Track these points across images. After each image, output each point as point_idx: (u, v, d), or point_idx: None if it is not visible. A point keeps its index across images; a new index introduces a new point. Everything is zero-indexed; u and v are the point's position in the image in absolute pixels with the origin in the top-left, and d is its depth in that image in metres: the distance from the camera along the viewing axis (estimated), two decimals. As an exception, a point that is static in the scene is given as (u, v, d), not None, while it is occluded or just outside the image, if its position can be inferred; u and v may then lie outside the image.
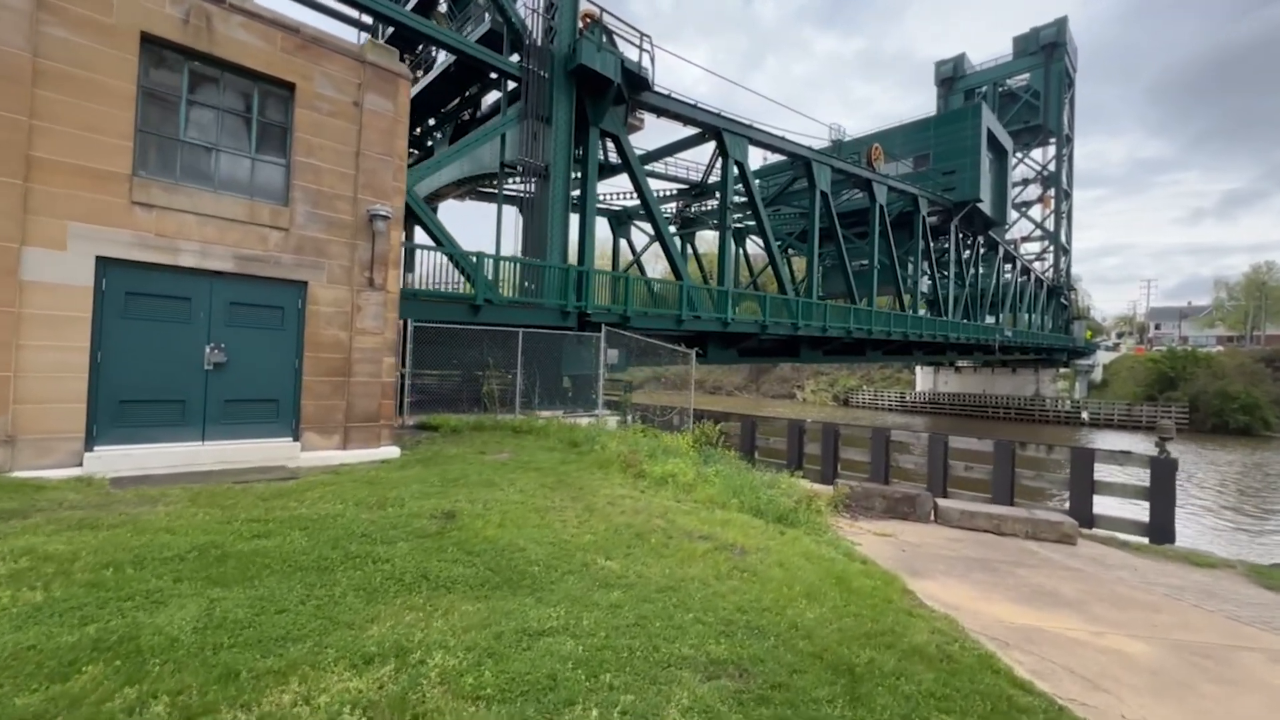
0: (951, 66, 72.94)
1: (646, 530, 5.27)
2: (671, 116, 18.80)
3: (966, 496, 11.49)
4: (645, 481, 7.42)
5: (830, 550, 5.79)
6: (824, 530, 6.74)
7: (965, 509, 8.43)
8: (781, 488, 8.13)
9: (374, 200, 7.66)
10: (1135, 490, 9.66)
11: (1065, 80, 66.70)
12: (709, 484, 7.49)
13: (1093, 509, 9.80)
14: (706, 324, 17.83)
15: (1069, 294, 66.67)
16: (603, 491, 6.55)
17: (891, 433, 12.66)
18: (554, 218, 14.90)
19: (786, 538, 5.98)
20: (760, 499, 6.97)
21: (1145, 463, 9.51)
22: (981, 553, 6.91)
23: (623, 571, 4.22)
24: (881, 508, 8.73)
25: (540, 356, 13.65)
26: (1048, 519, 8.08)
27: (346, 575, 3.59)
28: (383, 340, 7.83)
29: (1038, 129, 67.08)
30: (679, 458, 8.78)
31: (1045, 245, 68.52)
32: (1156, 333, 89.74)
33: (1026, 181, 70.67)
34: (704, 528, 5.69)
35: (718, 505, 6.83)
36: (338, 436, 7.45)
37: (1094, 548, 7.91)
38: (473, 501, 5.51)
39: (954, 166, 38.46)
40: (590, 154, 16.02)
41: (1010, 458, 10.75)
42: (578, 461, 8.24)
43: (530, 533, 4.79)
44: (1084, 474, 9.90)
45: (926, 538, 7.49)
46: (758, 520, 6.48)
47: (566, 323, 13.84)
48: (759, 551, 5.23)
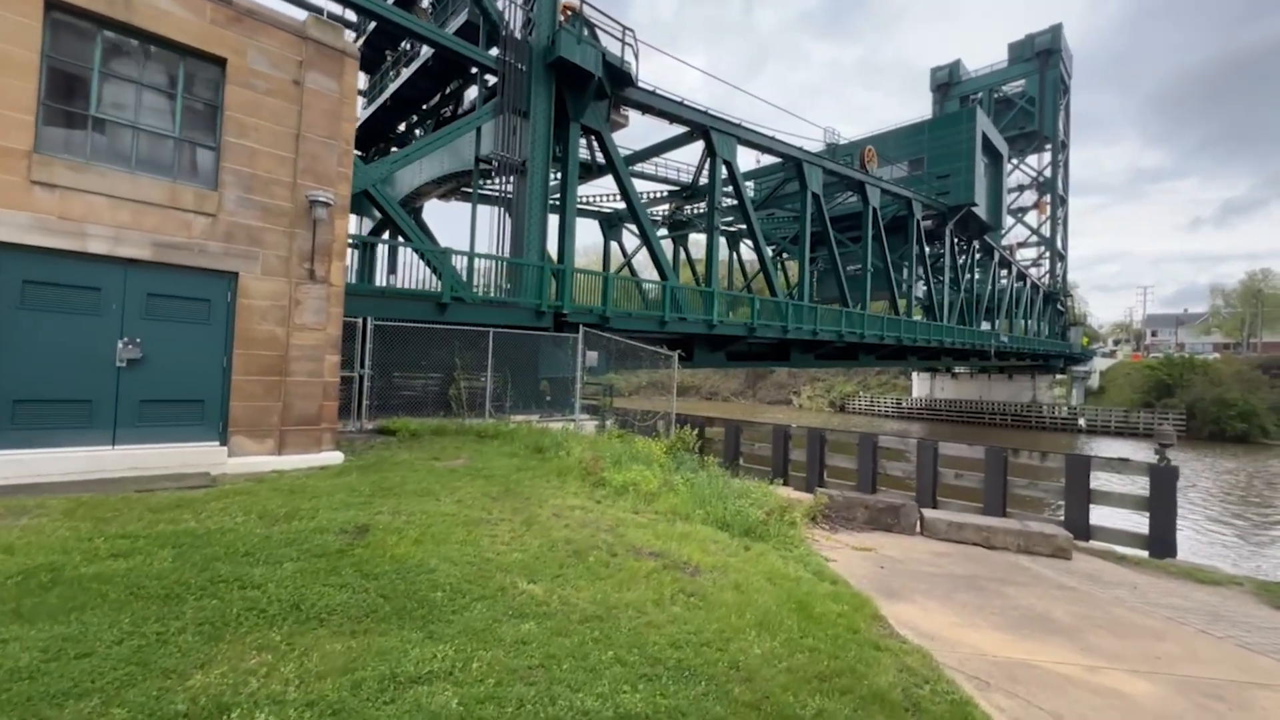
0: (947, 72, 72.99)
1: (588, 546, 4.70)
2: (657, 114, 18.33)
3: (957, 506, 10.93)
4: (604, 490, 6.85)
5: (798, 569, 5.22)
6: (796, 545, 6.17)
7: (953, 520, 7.86)
8: (754, 497, 7.56)
9: (315, 186, 7.11)
10: (1134, 500, 9.11)
11: (1060, 87, 66.74)
12: (675, 493, 6.93)
13: (1089, 520, 9.24)
14: (692, 326, 17.29)
15: (1065, 300, 66.37)
16: (552, 502, 5.98)
17: (879, 439, 12.10)
18: (532, 215, 14.38)
19: (751, 554, 5.42)
20: (728, 510, 6.40)
21: (1144, 471, 8.97)
22: (968, 569, 6.34)
23: (545, 597, 3.64)
24: (864, 519, 8.16)
25: (515, 358, 13.09)
26: (1041, 531, 7.52)
27: (197, 605, 3.02)
28: (325, 337, 7.26)
29: (1033, 135, 66.99)
30: (648, 465, 8.22)
31: (1041, 251, 68.32)
32: (1153, 340, 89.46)
33: (1022, 187, 70.57)
34: (657, 543, 5.12)
35: (680, 517, 6.26)
36: (272, 440, 6.86)
37: (1090, 562, 7.35)
38: (396, 513, 4.94)
39: (949, 170, 38.13)
40: (570, 150, 15.53)
41: (1002, 465, 10.20)
42: (537, 468, 7.67)
43: (449, 550, 4.21)
44: (1080, 483, 9.35)
45: (910, 552, 6.92)
46: (722, 534, 5.91)
47: (541, 323, 13.29)
48: (714, 571, 4.66)
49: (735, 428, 14.69)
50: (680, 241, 38.04)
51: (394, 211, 12.04)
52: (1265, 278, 74.85)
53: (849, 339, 24.13)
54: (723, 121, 19.91)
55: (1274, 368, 48.47)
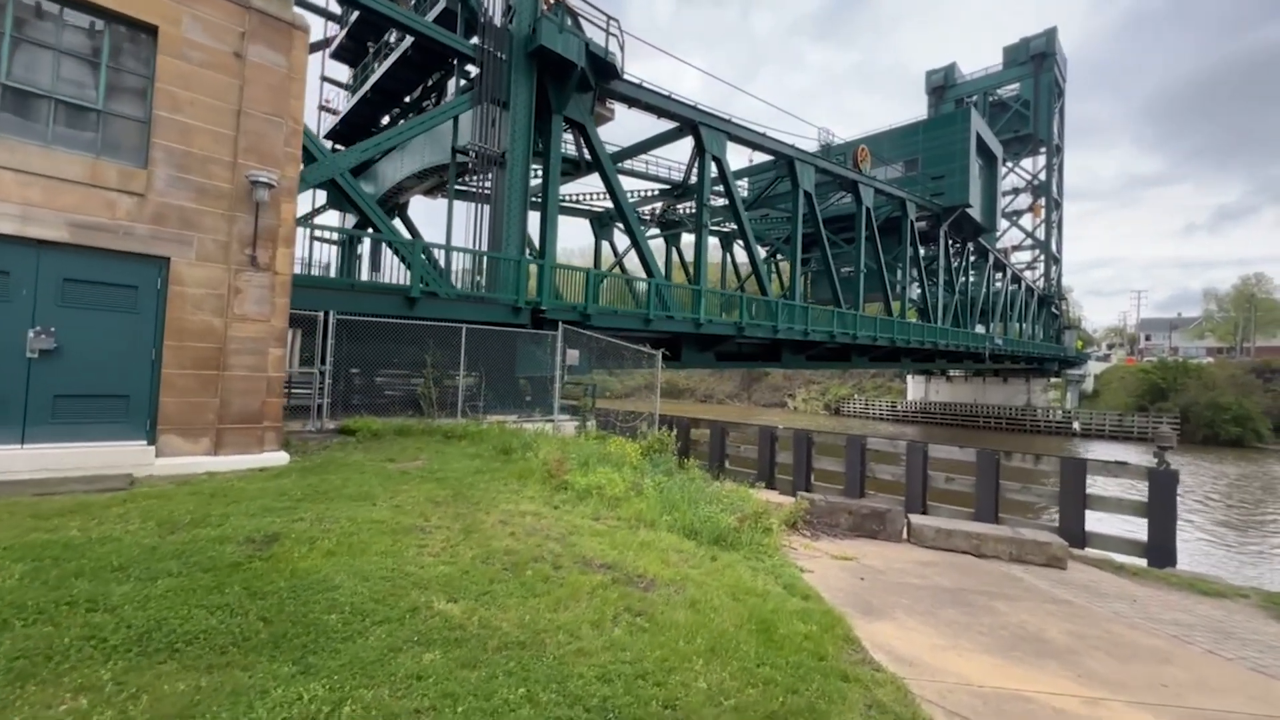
0: (942, 75, 72.98)
1: (530, 558, 4.21)
2: (643, 108, 17.90)
3: (948, 511, 10.49)
4: (566, 495, 6.36)
5: (767, 582, 4.74)
6: (769, 554, 5.69)
7: (942, 527, 7.40)
8: (729, 501, 7.08)
9: (258, 166, 6.61)
10: (1132, 506, 8.67)
11: (1055, 90, 66.76)
12: (642, 498, 6.44)
13: (1085, 526, 8.80)
14: (679, 325, 16.83)
15: (1060, 303, 66.27)
16: (503, 507, 5.49)
17: (868, 441, 11.65)
18: (511, 208, 13.90)
19: (717, 565, 4.94)
20: (697, 516, 5.92)
21: (1143, 475, 8.53)
22: (956, 580, 5.87)
23: (463, 619, 3.16)
24: (847, 525, 7.69)
25: (491, 357, 12.60)
26: (1034, 539, 7.07)
27: (24, 634, 2.52)
28: (269, 329, 6.76)
29: (1028, 138, 66.97)
30: (619, 467, 7.74)
31: (1036, 254, 68.19)
32: (1147, 344, 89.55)
33: (1017, 190, 70.47)
34: (611, 554, 4.64)
35: (644, 524, 5.78)
36: (207, 440, 6.35)
37: (1086, 572, 6.89)
38: (319, 521, 4.44)
39: (943, 171, 37.87)
40: (553, 142, 15.07)
41: (994, 469, 9.75)
42: (498, 471, 7.18)
43: (365, 563, 3.72)
44: (1075, 487, 8.91)
45: (894, 561, 6.45)
46: (688, 543, 5.43)
47: (518, 320, 12.80)
48: (671, 586, 4.18)
49: (720, 429, 14.22)
50: (673, 241, 37.57)
51: (363, 202, 11.55)
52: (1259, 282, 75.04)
53: (841, 340, 23.72)
54: (712, 117, 19.50)
55: (1267, 372, 48.33)
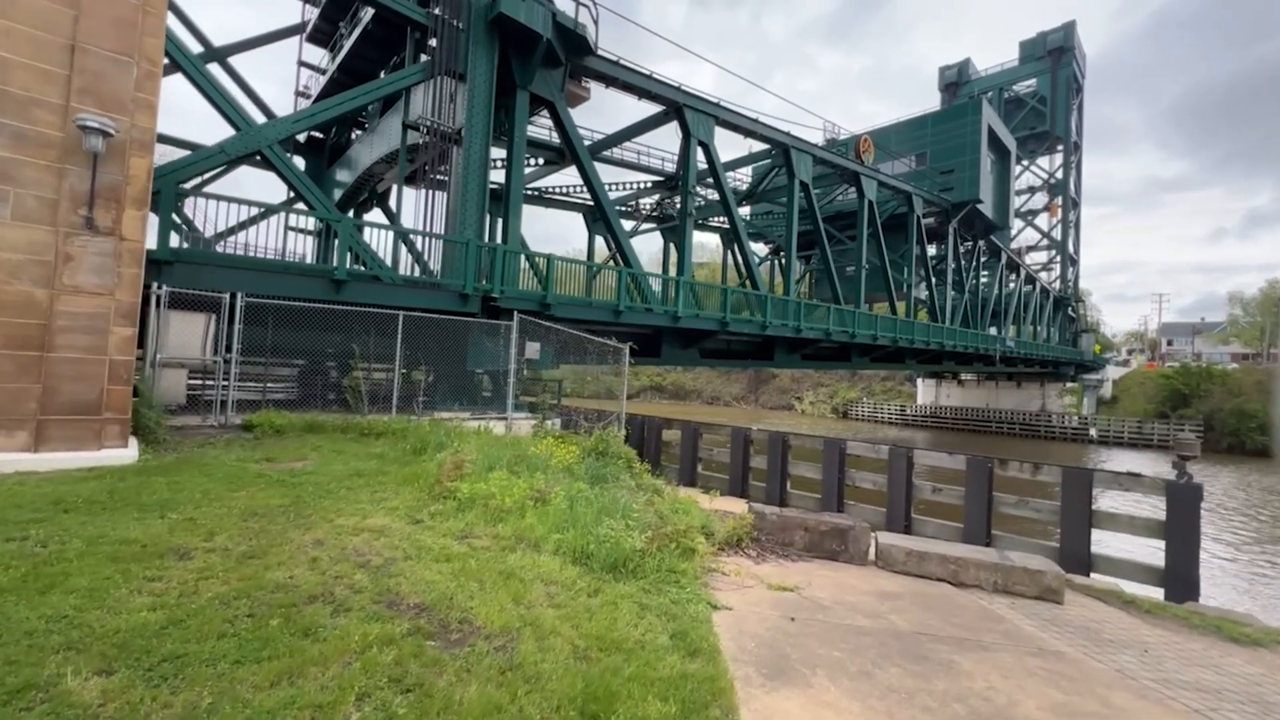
0: (956, 72, 71.24)
1: (310, 596, 3.12)
2: (622, 87, 16.82)
3: (934, 526, 9.25)
4: (446, 504, 5.27)
5: (653, 627, 3.61)
6: (684, 584, 4.55)
7: (913, 549, 6.20)
8: (660, 514, 5.94)
9: (98, 111, 5.61)
10: (1146, 526, 7.39)
11: (1073, 86, 64.65)
12: (540, 511, 5.33)
13: (1090, 548, 7.53)
14: (654, 318, 15.69)
15: (1077, 305, 64.07)
16: (339, 522, 4.41)
17: (848, 444, 10.44)
18: (468, 190, 12.88)
19: (595, 602, 3.82)
20: (596, 534, 4.79)
21: (1159, 489, 7.25)
22: (918, 620, 4.69)
23: (98, 705, 2.07)
24: (803, 544, 6.52)
25: (442, 348, 11.58)
26: (1024, 566, 5.84)
27: None
28: (110, 304, 5.75)
29: (1045, 136, 64.93)
30: (535, 472, 6.64)
31: (1052, 255, 66.04)
32: (1169, 349, 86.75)
33: (1033, 189, 68.38)
34: (445, 588, 3.54)
35: (526, 544, 4.67)
36: (25, 434, 5.35)
37: (1088, 608, 5.66)
38: (46, 540, 3.38)
39: (952, 165, 36.33)
40: (517, 118, 14.04)
41: (987, 479, 8.51)
42: (385, 474, 6.13)
43: (33, 606, 2.65)
44: (1079, 502, 7.65)
45: (848, 592, 5.28)
46: (572, 570, 4.31)
47: (466, 308, 11.74)
48: (501, 637, 3.07)
49: (693, 431, 13.06)
50: (670, 237, 36.43)
51: (294, 177, 10.58)
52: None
53: (838, 338, 22.42)
54: (697, 99, 18.36)
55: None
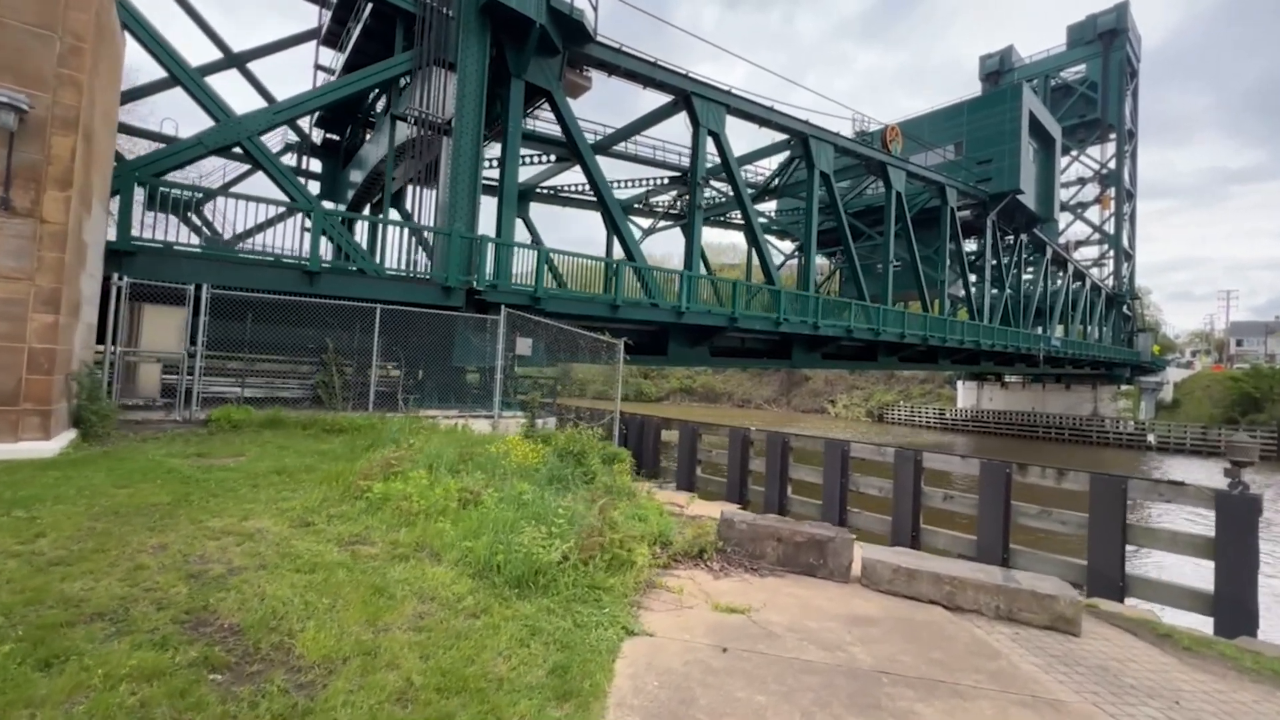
0: (998, 60, 68.07)
1: (91, 613, 2.62)
2: (625, 75, 16.26)
3: (945, 539, 8.29)
4: (357, 504, 4.76)
5: (533, 658, 2.98)
6: (604, 602, 3.90)
7: (902, 565, 5.36)
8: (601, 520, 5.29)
9: (13, 87, 5.36)
10: (1192, 543, 6.29)
11: (1126, 70, 60.81)
12: (462, 512, 4.76)
13: (1124, 568, 6.49)
14: (656, 313, 15.02)
15: (1132, 303, 60.09)
16: (210, 523, 3.94)
17: (850, 446, 9.54)
18: (458, 182, 12.52)
19: (476, 624, 3.22)
20: (510, 544, 4.17)
21: (1208, 499, 6.16)
22: (887, 654, 3.90)
23: None
24: (776, 556, 5.75)
25: (425, 344, 11.23)
26: (1033, 590, 4.94)
27: None
28: (29, 289, 5.48)
29: (1095, 124, 61.25)
30: (478, 471, 6.09)
31: (1104, 250, 62.15)
32: (1238, 350, 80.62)
33: (1083, 181, 64.64)
34: (280, 602, 2.99)
35: (429, 551, 4.10)
36: (-67, 424, 5.11)
37: (1110, 641, 4.72)
38: None
39: (990, 155, 34.38)
40: (512, 109, 13.63)
41: (1004, 486, 7.51)
42: (308, 472, 5.70)
43: None
44: (1111, 514, 6.61)
45: (811, 616, 4.51)
46: (468, 583, 3.72)
47: (450, 301, 11.34)
48: (308, 671, 2.49)
49: (691, 431, 12.32)
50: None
51: (276, 170, 10.39)
52: (1376, 280, 65.96)
53: (861, 336, 21.25)
54: (706, 86, 17.63)
55: (1388, 381, 41.75)
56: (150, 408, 8.90)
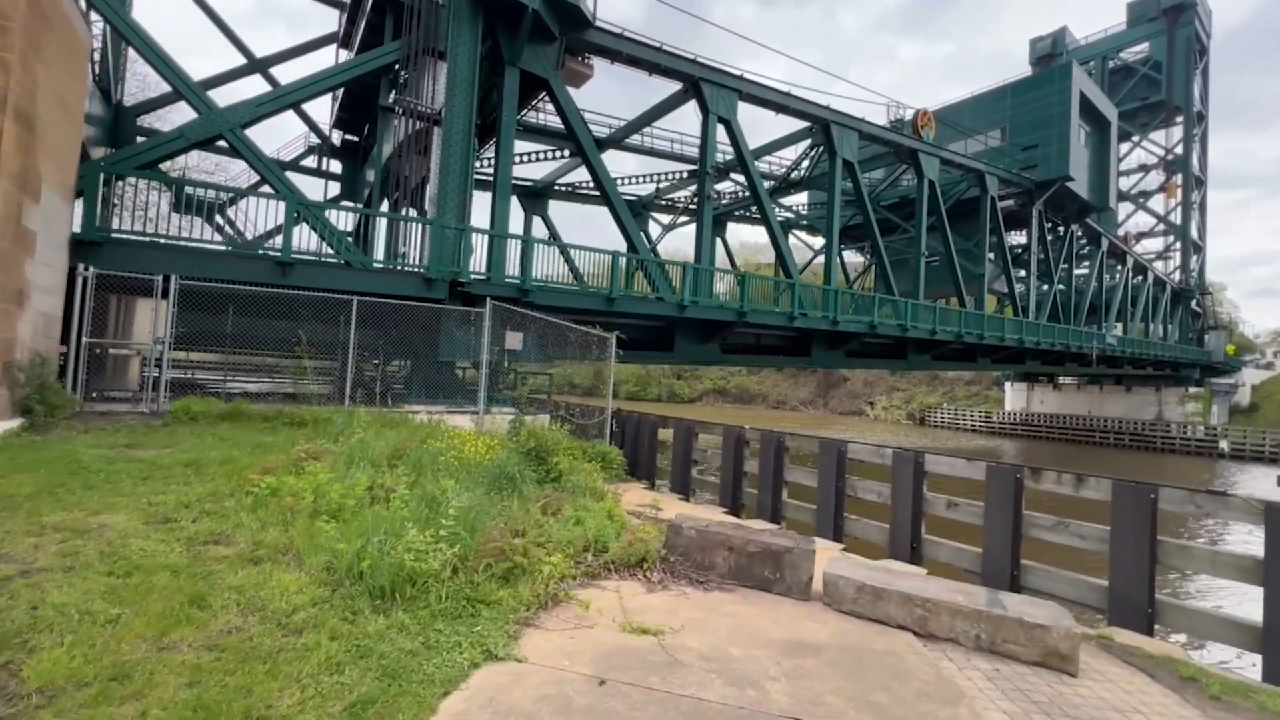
0: (1050, 43, 64.16)
1: None
2: (628, 62, 15.72)
3: (949, 550, 7.39)
4: (244, 500, 4.38)
5: (334, 690, 2.46)
6: (480, 617, 3.36)
7: (868, 583, 4.61)
8: (530, 521, 4.75)
9: (-67, 68, 5.24)
10: (1237, 565, 5.26)
11: (1195, 48, 56.39)
12: (365, 509, 4.32)
13: (1152, 592, 5.50)
14: (660, 307, 14.40)
15: (1203, 299, 55.55)
16: (49, 517, 3.64)
17: (848, 447, 8.70)
18: (448, 173, 12.26)
19: (292, 643, 2.73)
20: (384, 549, 3.68)
21: (1256, 514, 5.13)
22: (816, 694, 3.20)
23: None
24: (726, 569, 5.08)
25: (412, 337, 11.00)
26: (1021, 617, 4.11)
27: None
28: (-50, 273, 5.36)
29: (1159, 107, 57.05)
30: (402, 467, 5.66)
31: (1170, 242, 57.69)
32: (1328, 349, 73.45)
33: (1146, 168, 60.28)
34: (50, 610, 2.57)
35: (293, 555, 3.65)
36: None
37: (1114, 684, 3.86)
38: None
39: (1036, 140, 32.19)
40: (506, 98, 13.29)
41: (1014, 493, 6.58)
42: (230, 464, 5.37)
43: None
44: (1135, 527, 5.63)
45: (741, 641, 3.84)
46: (316, 592, 3.24)
47: (432, 293, 11.04)
48: (16, 702, 2.04)
49: (687, 430, 11.65)
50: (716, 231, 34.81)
51: (259, 163, 10.32)
52: None
53: (886, 332, 20.04)
54: (715, 71, 16.91)
55: None
56: (130, 400, 8.91)
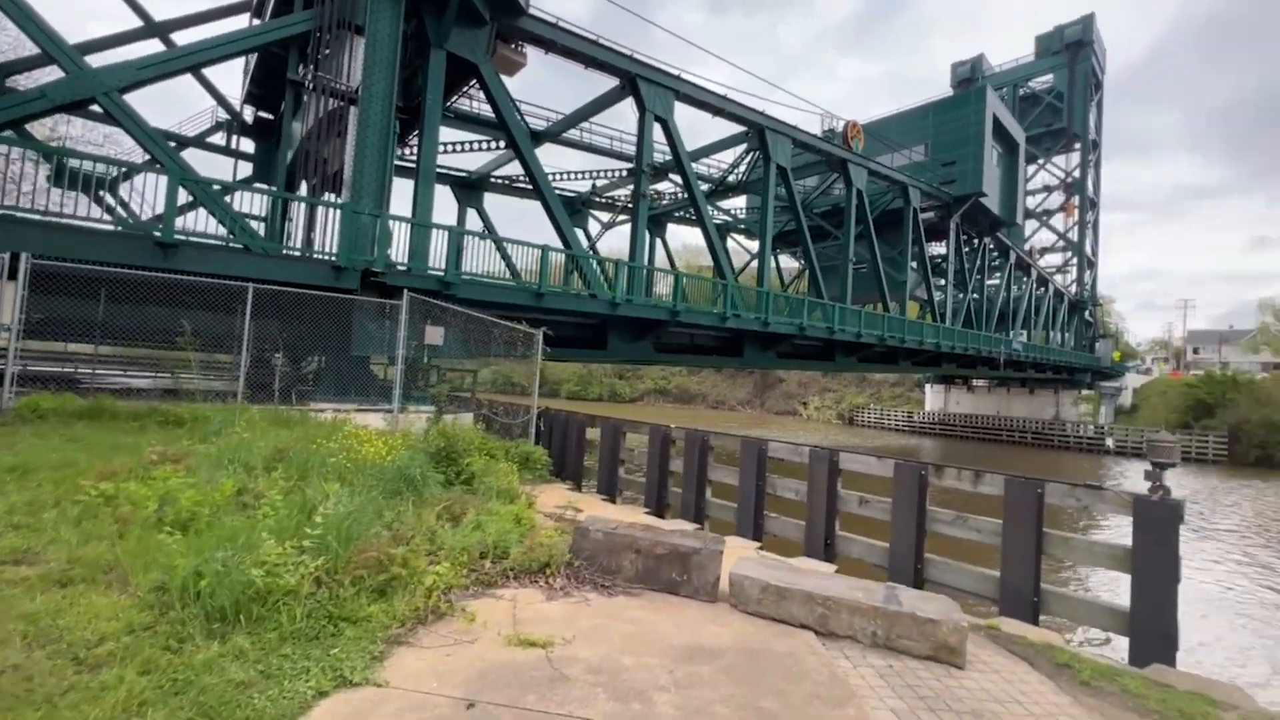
0: (969, 68, 68.85)
1: None
2: (563, 53, 15.37)
3: (861, 547, 7.57)
4: (71, 510, 3.80)
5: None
6: (341, 637, 3.01)
7: (773, 583, 4.57)
8: (422, 528, 4.39)
9: None
10: (1110, 554, 5.63)
11: (1092, 81, 61.95)
12: (220, 518, 3.83)
13: (1039, 582, 5.80)
14: (592, 304, 14.14)
15: (1094, 310, 61.15)
16: None
17: (768, 445, 8.78)
18: (364, 156, 11.49)
19: (80, 681, 2.29)
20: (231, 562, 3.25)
21: (1126, 505, 5.51)
22: (699, 705, 3.07)
23: None
24: (633, 572, 4.92)
25: (322, 331, 10.20)
26: (914, 613, 4.17)
27: None
28: None
29: (1061, 133, 62.28)
30: (279, 470, 5.15)
31: (1068, 257, 63.17)
32: (1194, 357, 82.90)
33: (1049, 189, 65.69)
34: None
35: (117, 574, 3.16)
36: None
37: (999, 674, 3.98)
38: None
39: (955, 157, 34.30)
40: (430, 80, 12.63)
41: (919, 489, 6.81)
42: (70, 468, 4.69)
43: None
44: (1025, 521, 5.93)
45: (635, 649, 3.68)
46: (137, 617, 2.79)
47: (342, 283, 10.30)
48: None
49: (614, 429, 11.46)
50: (656, 232, 34.87)
51: (141, 133, 9.26)
52: (1323, 292, 68.30)
53: (814, 334, 20.67)
54: (652, 70, 16.84)
55: (1333, 389, 42.95)
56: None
